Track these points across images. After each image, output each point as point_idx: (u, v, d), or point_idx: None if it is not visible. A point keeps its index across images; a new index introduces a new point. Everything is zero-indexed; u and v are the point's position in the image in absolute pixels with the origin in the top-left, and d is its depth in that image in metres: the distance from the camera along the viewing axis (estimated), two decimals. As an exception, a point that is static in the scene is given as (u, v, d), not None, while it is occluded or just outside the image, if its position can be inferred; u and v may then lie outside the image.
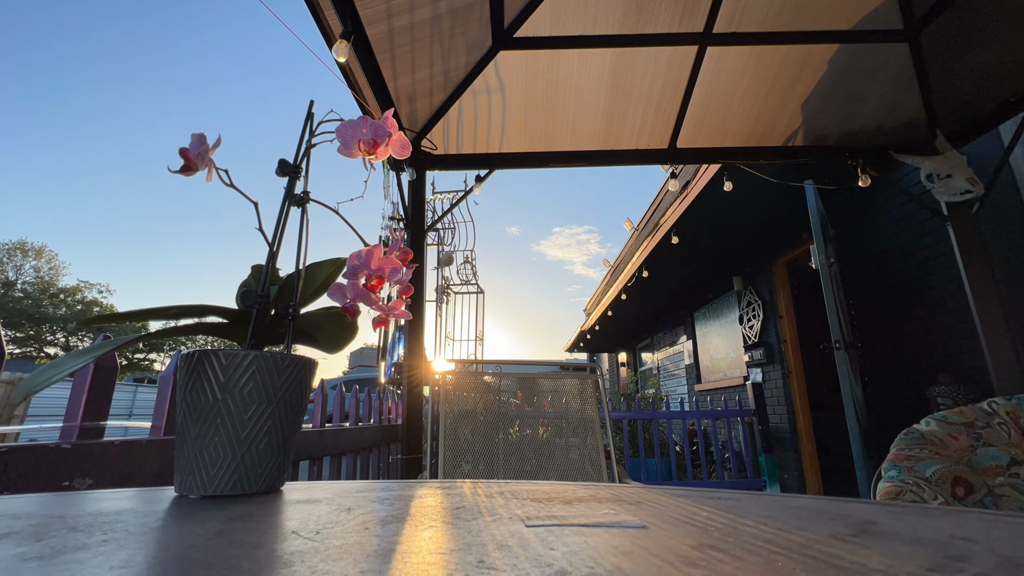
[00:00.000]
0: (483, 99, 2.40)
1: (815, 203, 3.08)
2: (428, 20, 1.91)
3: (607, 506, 0.37)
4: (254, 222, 0.52)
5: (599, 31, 2.20)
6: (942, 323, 2.79)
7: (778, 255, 4.46)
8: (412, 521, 0.32)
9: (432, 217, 6.91)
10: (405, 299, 0.59)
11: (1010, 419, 1.10)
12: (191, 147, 0.50)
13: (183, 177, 0.51)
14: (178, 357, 0.54)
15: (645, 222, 6.73)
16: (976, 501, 0.97)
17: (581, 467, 1.79)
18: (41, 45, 54.65)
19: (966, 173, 2.30)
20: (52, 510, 0.35)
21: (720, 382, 5.60)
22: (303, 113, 0.56)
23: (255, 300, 0.51)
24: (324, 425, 1.74)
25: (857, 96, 2.42)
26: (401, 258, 0.57)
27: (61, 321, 22.55)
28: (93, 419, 0.81)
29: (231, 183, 0.52)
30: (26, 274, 23.74)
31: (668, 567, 0.22)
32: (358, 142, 0.55)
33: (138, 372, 24.25)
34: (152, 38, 79.64)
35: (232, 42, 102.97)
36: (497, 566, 0.22)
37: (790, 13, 2.16)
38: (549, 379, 1.95)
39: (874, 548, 0.25)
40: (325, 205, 0.57)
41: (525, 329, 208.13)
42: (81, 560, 0.23)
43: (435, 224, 2.98)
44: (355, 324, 0.58)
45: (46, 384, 0.39)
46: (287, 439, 0.47)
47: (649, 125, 2.54)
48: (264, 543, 0.26)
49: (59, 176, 58.08)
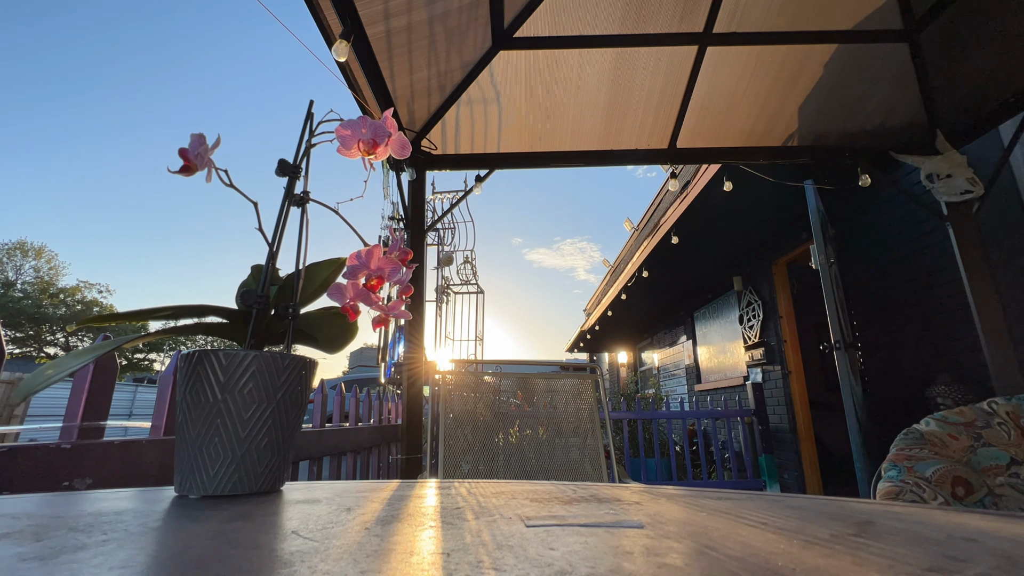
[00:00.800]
0: (483, 99, 2.40)
1: (815, 203, 3.08)
2: (428, 20, 1.91)
3: (607, 506, 0.37)
4: (254, 222, 0.52)
5: (599, 31, 2.20)
6: (942, 323, 2.78)
7: (778, 255, 4.46)
8: (412, 521, 0.32)
9: (432, 217, 6.91)
10: (405, 299, 0.59)
11: (1010, 419, 1.10)
12: (190, 147, 0.50)
13: (183, 177, 0.51)
14: (178, 357, 0.54)
15: (645, 222, 6.73)
16: (976, 501, 0.97)
17: (581, 467, 1.79)
18: (41, 45, 54.62)
19: (966, 173, 2.30)
20: (52, 510, 0.35)
21: (720, 382, 5.60)
22: (303, 113, 0.56)
23: (255, 300, 0.51)
24: (324, 425, 1.74)
25: (857, 96, 2.42)
26: (401, 258, 0.57)
27: (61, 321, 22.52)
28: (93, 419, 0.81)
29: (231, 183, 0.52)
30: (26, 274, 23.75)
31: (668, 567, 0.22)
32: (358, 142, 0.55)
33: (138, 372, 24.23)
34: (152, 39, 79.61)
35: (232, 42, 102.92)
36: (497, 566, 0.22)
37: (790, 13, 2.16)
38: (549, 379, 1.95)
39: (874, 548, 0.25)
40: (325, 205, 0.57)
41: (525, 329, 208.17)
42: (81, 560, 0.23)
43: (435, 224, 2.98)
44: (355, 324, 0.58)
45: (46, 384, 0.39)
46: (287, 439, 0.47)
47: (649, 125, 2.54)
48: (264, 543, 0.26)
49: (59, 176, 58.06)
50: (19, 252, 23.66)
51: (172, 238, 75.85)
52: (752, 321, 4.83)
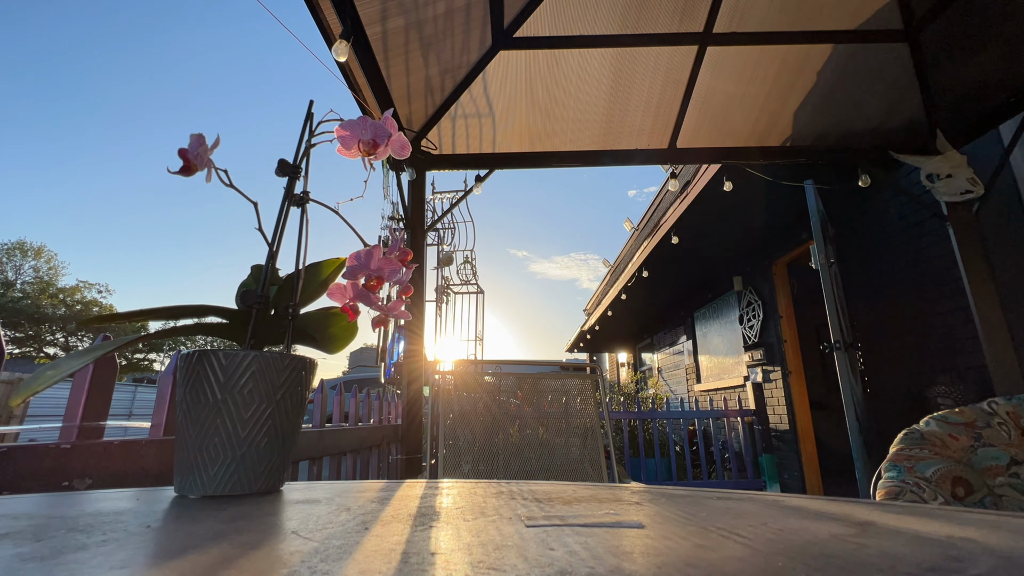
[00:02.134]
0: (483, 99, 2.40)
1: (815, 203, 3.08)
2: (428, 20, 1.91)
3: (607, 506, 0.37)
4: (254, 222, 0.52)
5: (599, 31, 2.20)
6: (942, 323, 2.78)
7: (778, 255, 4.46)
8: (412, 521, 0.32)
9: (432, 217, 6.91)
10: (405, 299, 0.59)
11: (1010, 419, 1.10)
12: (190, 148, 0.50)
13: (182, 178, 0.51)
14: (178, 357, 0.54)
15: (645, 222, 6.74)
16: (976, 501, 0.97)
17: (581, 467, 1.79)
18: (41, 45, 54.67)
19: (966, 173, 2.30)
20: (52, 510, 0.35)
21: (720, 382, 5.60)
22: (303, 113, 0.56)
23: (255, 300, 0.51)
24: (324, 425, 1.74)
25: (857, 96, 2.42)
26: (400, 258, 0.57)
27: (60, 321, 22.53)
28: (93, 419, 0.81)
29: (231, 183, 0.52)
30: (25, 274, 23.75)
31: (668, 567, 0.22)
32: (358, 142, 0.54)
33: (138, 372, 24.23)
34: (152, 39, 79.69)
35: (232, 42, 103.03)
36: (497, 566, 0.22)
37: (790, 13, 2.16)
38: (549, 379, 1.95)
39: (874, 548, 0.25)
40: (325, 205, 0.57)
41: (526, 329, 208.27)
42: (81, 560, 0.23)
43: (435, 224, 2.98)
44: (355, 324, 0.58)
45: (45, 386, 0.39)
46: (287, 439, 0.47)
47: (649, 125, 2.54)
48: (264, 543, 0.26)
49: (59, 176, 58.09)
50: (18, 252, 23.66)
51: (172, 238, 75.94)
52: (752, 321, 4.83)
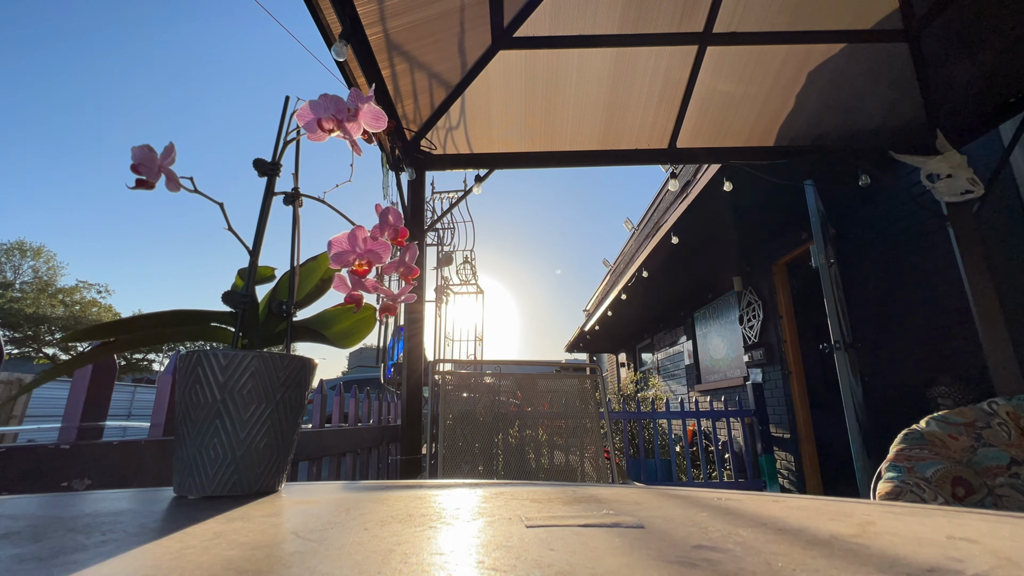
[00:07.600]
0: (483, 99, 2.40)
1: (815, 203, 3.08)
2: (428, 20, 1.91)
3: (607, 506, 0.37)
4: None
5: (599, 31, 2.20)
6: (942, 323, 2.78)
7: (778, 255, 4.46)
8: (411, 521, 0.32)
9: (432, 217, 6.91)
10: (411, 282, 0.56)
11: (1010, 419, 1.10)
12: (139, 161, 0.47)
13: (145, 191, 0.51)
14: (177, 357, 0.54)
15: (645, 222, 6.74)
16: (976, 501, 0.97)
17: (581, 467, 1.79)
18: (40, 45, 54.67)
19: (966, 173, 2.30)
20: (50, 511, 0.35)
21: (720, 382, 5.60)
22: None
23: (239, 300, 0.50)
24: (324, 425, 1.74)
25: (857, 96, 2.41)
26: (393, 238, 0.54)
27: (60, 321, 22.50)
28: (92, 420, 0.81)
29: (195, 189, 0.51)
30: (24, 274, 23.73)
31: (667, 567, 0.22)
32: (321, 122, 0.51)
33: (137, 372, 24.23)
34: (153, 39, 79.71)
35: (233, 42, 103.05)
36: (497, 567, 0.22)
37: (790, 13, 2.15)
38: (549, 379, 1.95)
39: (874, 548, 0.25)
40: (312, 197, 0.56)
41: (526, 329, 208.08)
42: (80, 561, 0.23)
43: (435, 224, 2.98)
44: (371, 317, 0.56)
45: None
46: (286, 439, 0.47)
47: (649, 125, 2.54)
48: (263, 544, 0.26)
49: (59, 176, 58.09)
50: (17, 252, 23.63)
51: (172, 238, 75.92)
52: (752, 321, 4.83)
